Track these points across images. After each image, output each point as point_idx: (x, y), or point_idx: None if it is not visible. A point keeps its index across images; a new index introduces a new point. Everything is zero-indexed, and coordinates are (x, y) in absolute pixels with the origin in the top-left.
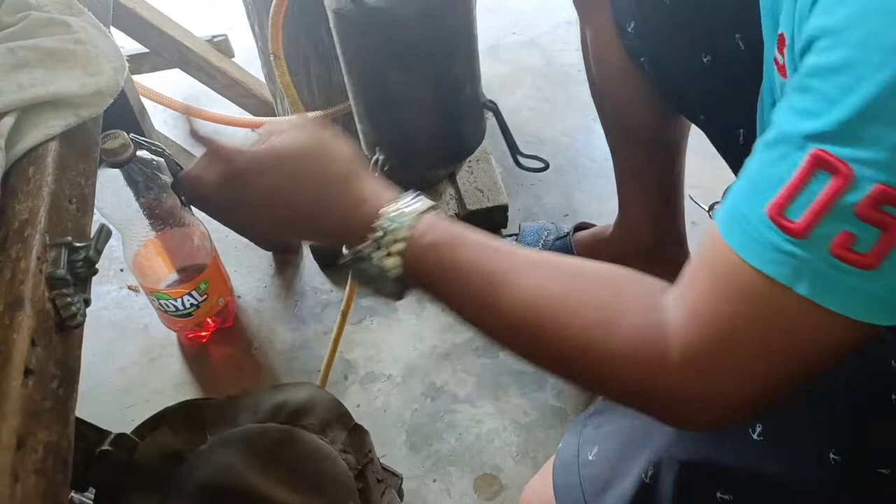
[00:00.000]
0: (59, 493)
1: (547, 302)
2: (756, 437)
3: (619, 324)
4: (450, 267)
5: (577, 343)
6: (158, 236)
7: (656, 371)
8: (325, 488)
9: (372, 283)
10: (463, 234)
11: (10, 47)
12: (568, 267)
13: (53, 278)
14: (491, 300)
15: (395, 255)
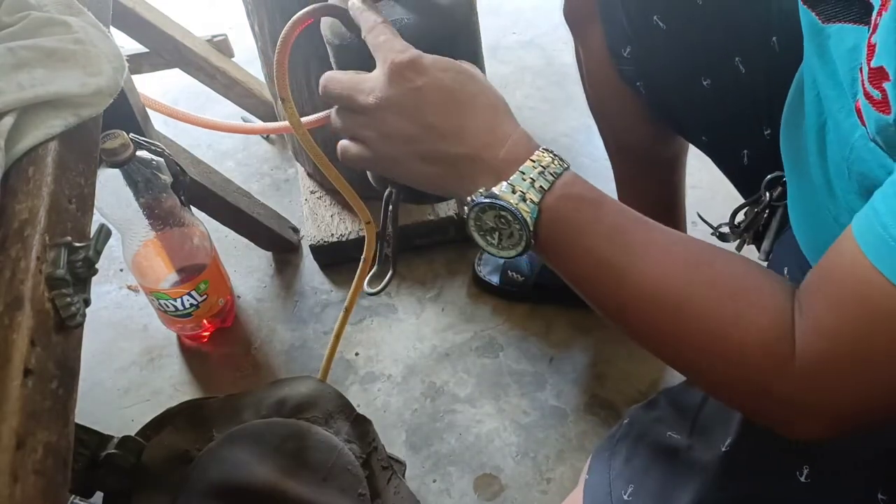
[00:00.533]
0: (59, 493)
1: (681, 283)
2: (804, 480)
3: (748, 321)
4: (590, 223)
5: (702, 330)
6: (158, 236)
7: (774, 375)
8: (334, 478)
9: (496, 233)
10: (607, 197)
11: (9, 47)
12: (705, 251)
13: (53, 278)
14: (624, 268)
15: (534, 202)
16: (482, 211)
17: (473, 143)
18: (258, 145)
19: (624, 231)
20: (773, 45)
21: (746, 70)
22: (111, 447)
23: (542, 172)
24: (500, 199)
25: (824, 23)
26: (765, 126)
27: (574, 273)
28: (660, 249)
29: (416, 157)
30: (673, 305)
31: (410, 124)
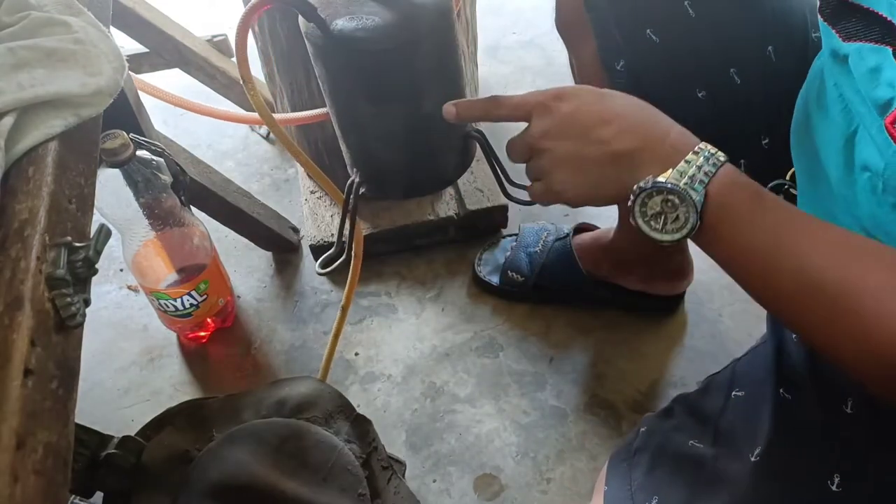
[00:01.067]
0: (59, 493)
1: (849, 267)
2: (835, 489)
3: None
4: (754, 210)
5: (871, 315)
6: (158, 236)
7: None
8: (334, 478)
9: (661, 218)
10: (766, 190)
11: (9, 47)
12: (868, 243)
13: (53, 278)
14: (792, 251)
15: (702, 182)
16: (649, 196)
17: (636, 139)
18: (258, 145)
19: (787, 220)
20: (769, 55)
21: (742, 81)
22: (111, 447)
23: (706, 160)
24: (669, 183)
25: (844, 41)
26: (763, 135)
27: (734, 259)
28: (824, 240)
29: (585, 175)
30: (840, 295)
31: (572, 146)
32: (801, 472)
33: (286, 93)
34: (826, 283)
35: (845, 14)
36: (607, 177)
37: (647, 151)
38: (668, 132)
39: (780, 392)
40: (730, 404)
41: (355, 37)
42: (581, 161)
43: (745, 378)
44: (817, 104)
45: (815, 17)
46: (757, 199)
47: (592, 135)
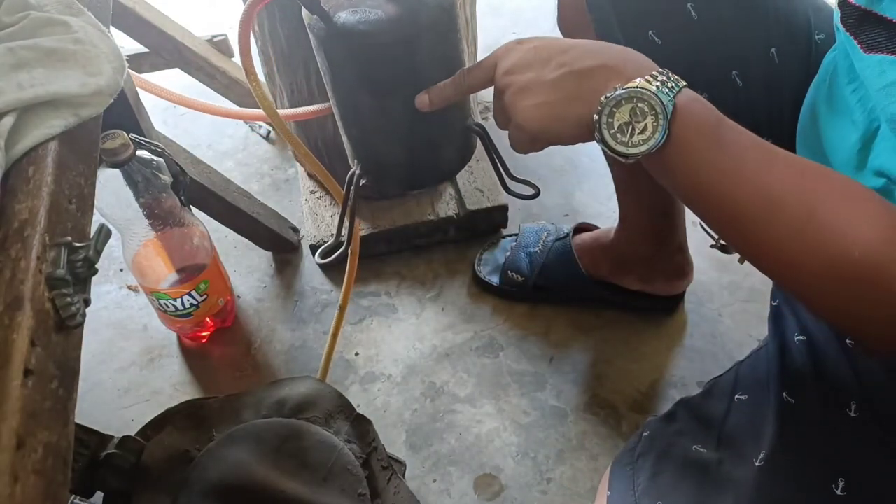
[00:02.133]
0: (59, 493)
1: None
2: (839, 493)
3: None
4: (720, 124)
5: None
6: (158, 236)
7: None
8: (334, 478)
9: (628, 129)
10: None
11: (9, 47)
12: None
13: (53, 278)
14: (765, 157)
15: (670, 90)
16: (617, 105)
17: (597, 58)
18: (258, 145)
19: (748, 140)
20: (772, 57)
21: (744, 83)
22: (111, 447)
23: (668, 79)
24: (639, 87)
25: (866, 52)
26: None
27: (708, 170)
28: (788, 156)
29: (547, 95)
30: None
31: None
32: (806, 476)
33: (286, 93)
34: (787, 197)
35: (868, 24)
36: (570, 96)
37: (609, 69)
38: (627, 55)
39: (783, 396)
40: (733, 408)
41: (358, 29)
42: (542, 85)
43: (747, 381)
44: (828, 107)
45: (818, 19)
46: (720, 119)
47: (552, 61)
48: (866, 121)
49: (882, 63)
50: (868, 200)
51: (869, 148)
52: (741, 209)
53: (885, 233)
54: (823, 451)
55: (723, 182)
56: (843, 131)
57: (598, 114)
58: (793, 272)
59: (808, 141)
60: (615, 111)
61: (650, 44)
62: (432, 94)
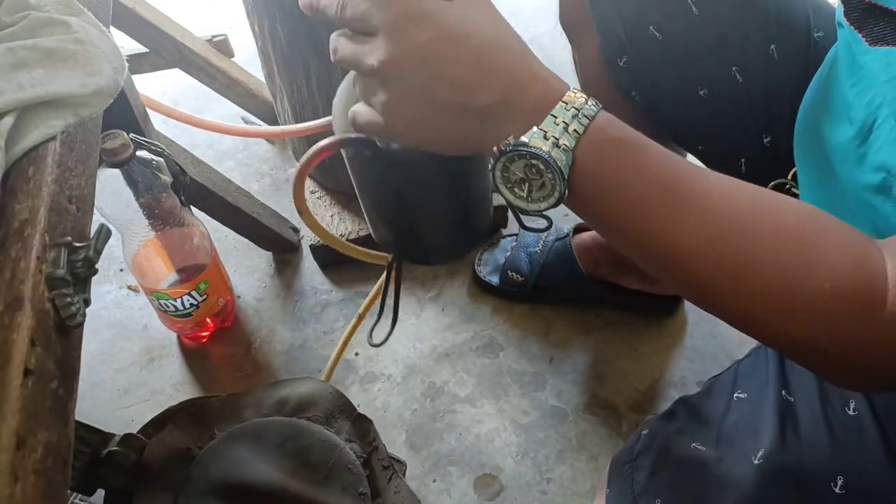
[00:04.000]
0: (59, 492)
1: (740, 225)
2: (838, 491)
3: (823, 263)
4: (633, 168)
5: (768, 276)
6: (158, 236)
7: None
8: (335, 477)
9: (526, 185)
10: (648, 140)
11: (9, 47)
12: (763, 193)
13: (53, 278)
14: (676, 217)
15: (567, 147)
16: (510, 161)
17: (496, 90)
18: (258, 145)
19: (672, 176)
20: (771, 53)
21: (744, 79)
22: (113, 445)
23: (575, 115)
24: (530, 147)
25: (871, 45)
26: (764, 134)
27: (616, 225)
28: (715, 195)
29: (432, 118)
30: (733, 249)
31: (422, 84)
32: (805, 474)
33: (286, 93)
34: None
35: (873, 17)
36: (462, 130)
37: (509, 105)
38: (534, 78)
39: (782, 394)
40: (733, 406)
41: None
42: (432, 103)
43: (747, 380)
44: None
45: (817, 17)
46: (635, 155)
47: (448, 76)
48: (864, 115)
49: (888, 55)
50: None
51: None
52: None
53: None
54: (822, 450)
55: (631, 231)
56: (840, 128)
57: (492, 166)
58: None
59: (807, 139)
60: (509, 165)
61: (651, 39)
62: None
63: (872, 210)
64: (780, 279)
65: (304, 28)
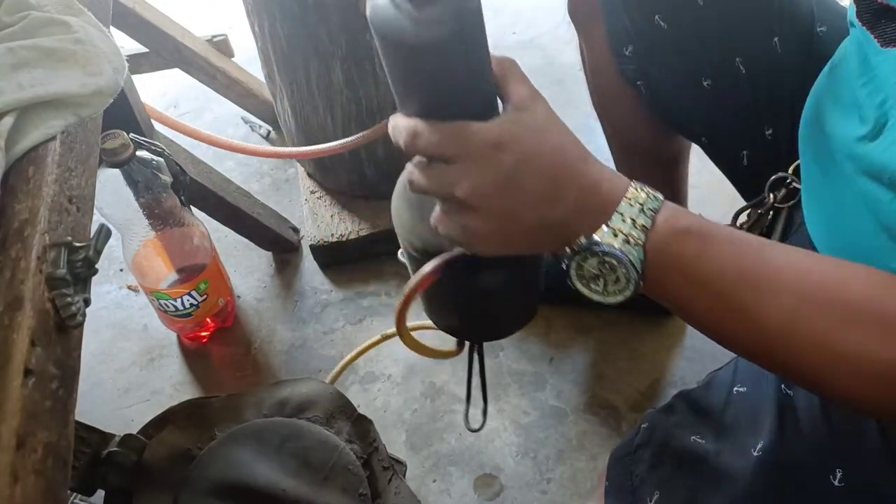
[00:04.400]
0: (59, 492)
1: (816, 319)
2: (837, 483)
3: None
4: (697, 261)
5: (847, 350)
6: (158, 236)
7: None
8: (335, 478)
9: (601, 280)
10: (715, 227)
11: (9, 47)
12: (831, 267)
13: (53, 278)
14: (741, 307)
15: (638, 243)
16: (584, 259)
17: (571, 199)
18: (258, 145)
19: (740, 263)
20: (774, 46)
21: (747, 71)
22: (113, 445)
23: (640, 210)
24: (602, 245)
25: (883, 46)
26: (766, 127)
27: (691, 311)
28: (787, 275)
29: (517, 234)
30: (815, 335)
31: (508, 207)
32: (804, 466)
33: (286, 92)
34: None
35: (886, 19)
36: (542, 238)
37: (582, 209)
38: (600, 179)
39: (781, 388)
40: (732, 400)
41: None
42: (517, 222)
43: (746, 374)
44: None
45: (821, 12)
46: (702, 245)
47: (531, 195)
48: (876, 115)
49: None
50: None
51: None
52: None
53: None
54: (821, 443)
55: (712, 314)
56: (849, 127)
57: (567, 265)
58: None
59: (814, 132)
60: (583, 263)
61: (656, 28)
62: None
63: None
64: (859, 352)
65: (304, 28)
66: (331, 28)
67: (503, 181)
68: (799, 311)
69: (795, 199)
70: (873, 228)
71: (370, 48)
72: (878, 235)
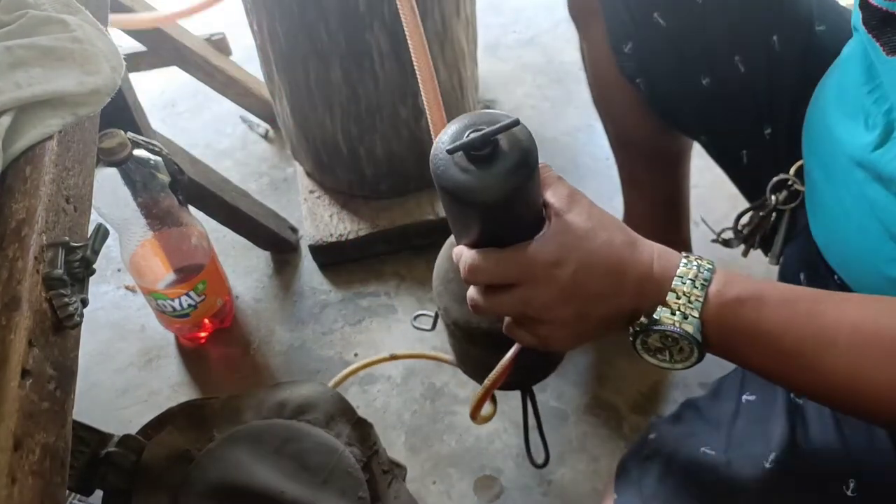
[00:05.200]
0: (57, 494)
1: (875, 372)
2: (850, 494)
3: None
4: (755, 326)
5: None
6: (156, 236)
7: None
8: (334, 481)
9: (666, 351)
10: (766, 289)
11: (7, 46)
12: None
13: (51, 278)
14: (804, 363)
15: (694, 316)
16: (647, 336)
17: (630, 289)
18: (256, 144)
19: (793, 325)
20: (773, 45)
21: (746, 69)
22: (112, 445)
23: (693, 283)
24: (662, 324)
25: (889, 55)
26: (765, 125)
27: (756, 369)
28: (842, 337)
29: (586, 331)
30: (877, 392)
31: (576, 312)
32: (816, 477)
33: (285, 91)
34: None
35: (891, 27)
36: (608, 328)
37: (635, 297)
38: (650, 261)
39: (790, 397)
40: (741, 409)
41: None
42: (586, 322)
43: (754, 382)
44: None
45: (820, 10)
46: (757, 310)
47: (594, 296)
48: (883, 122)
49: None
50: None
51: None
52: (804, 389)
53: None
54: (833, 453)
55: (777, 370)
56: (855, 130)
57: (632, 342)
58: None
59: (817, 135)
60: (647, 340)
61: (655, 25)
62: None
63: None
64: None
65: (303, 27)
66: (329, 27)
67: (568, 293)
68: (860, 363)
69: (797, 201)
70: (880, 236)
71: (369, 47)
72: (885, 243)
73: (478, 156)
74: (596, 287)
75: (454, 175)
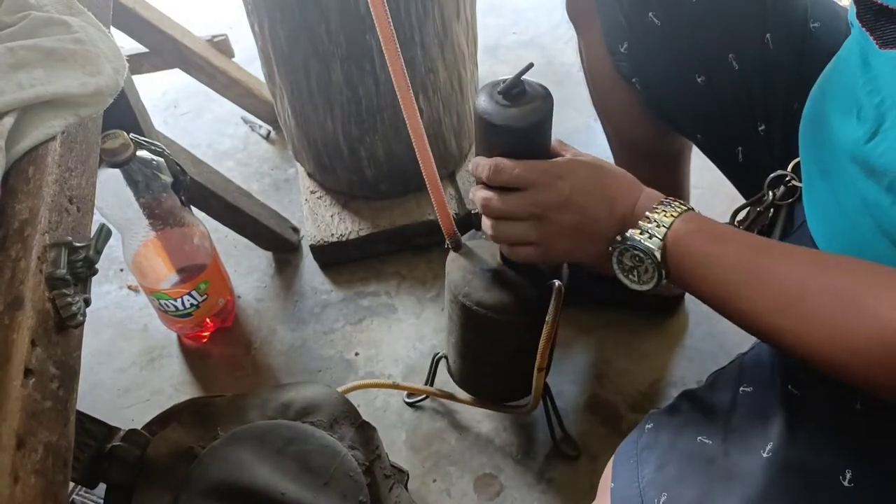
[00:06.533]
0: (59, 493)
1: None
2: (847, 484)
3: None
4: (710, 253)
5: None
6: (158, 236)
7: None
8: (336, 484)
9: (635, 271)
10: (726, 229)
11: (9, 47)
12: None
13: (53, 278)
14: (744, 293)
15: (657, 237)
16: (621, 254)
17: (617, 214)
18: (258, 145)
19: (740, 257)
20: (767, 43)
21: (740, 67)
22: (117, 439)
23: (664, 213)
24: (631, 240)
25: (881, 48)
26: (759, 122)
27: (707, 299)
28: (777, 270)
29: (577, 243)
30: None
31: (575, 218)
32: (814, 468)
33: (286, 92)
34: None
35: (885, 20)
36: (594, 244)
37: (620, 221)
38: (639, 196)
39: (788, 388)
40: (739, 400)
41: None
42: (581, 234)
43: (752, 373)
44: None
45: (815, 7)
46: (710, 241)
47: (590, 212)
48: (874, 116)
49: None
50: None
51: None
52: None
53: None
54: (831, 443)
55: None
56: (849, 125)
57: (611, 261)
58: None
59: (814, 131)
60: (622, 258)
61: (650, 25)
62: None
63: (879, 209)
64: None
65: (304, 28)
66: (331, 28)
67: (569, 203)
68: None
69: (795, 197)
70: (874, 233)
71: (370, 48)
72: (878, 240)
73: (513, 94)
74: (591, 208)
75: (497, 110)
